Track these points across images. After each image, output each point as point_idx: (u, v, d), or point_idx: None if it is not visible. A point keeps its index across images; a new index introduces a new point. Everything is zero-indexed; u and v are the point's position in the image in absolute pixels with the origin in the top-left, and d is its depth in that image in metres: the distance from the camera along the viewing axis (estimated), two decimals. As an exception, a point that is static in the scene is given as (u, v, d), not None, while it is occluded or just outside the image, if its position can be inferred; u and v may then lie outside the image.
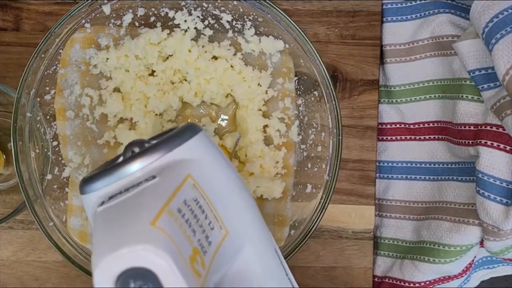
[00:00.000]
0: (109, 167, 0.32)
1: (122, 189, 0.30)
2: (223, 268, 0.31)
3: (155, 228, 0.26)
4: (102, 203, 0.30)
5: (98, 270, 0.25)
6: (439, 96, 0.52)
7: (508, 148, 0.45)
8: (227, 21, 0.49)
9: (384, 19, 0.53)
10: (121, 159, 0.32)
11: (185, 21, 0.49)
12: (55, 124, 0.48)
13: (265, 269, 0.34)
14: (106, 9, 0.47)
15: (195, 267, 0.27)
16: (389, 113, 0.54)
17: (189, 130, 0.33)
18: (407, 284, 0.51)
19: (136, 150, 0.32)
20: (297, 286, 0.37)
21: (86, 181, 0.32)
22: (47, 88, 0.47)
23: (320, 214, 0.46)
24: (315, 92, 0.48)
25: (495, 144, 0.45)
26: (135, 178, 0.31)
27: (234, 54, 0.50)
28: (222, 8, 0.48)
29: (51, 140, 0.48)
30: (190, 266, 0.27)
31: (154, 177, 0.30)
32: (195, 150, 0.32)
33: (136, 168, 0.31)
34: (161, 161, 0.31)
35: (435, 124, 0.52)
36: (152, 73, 0.51)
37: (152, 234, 0.26)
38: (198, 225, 0.29)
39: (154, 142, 0.32)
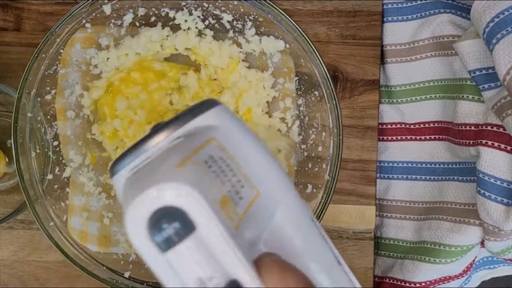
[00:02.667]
0: (135, 144, 0.31)
1: (151, 156, 0.30)
2: (254, 230, 0.31)
3: (181, 170, 0.26)
4: (132, 172, 0.30)
5: (129, 216, 0.25)
6: (439, 96, 0.52)
7: (509, 148, 0.45)
8: (228, 21, 0.49)
9: (385, 19, 0.53)
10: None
11: (186, 21, 0.49)
12: (55, 124, 0.48)
13: (300, 235, 0.34)
14: (107, 9, 0.47)
15: (226, 211, 0.27)
16: (390, 113, 0.54)
17: (208, 102, 0.33)
18: (407, 284, 0.51)
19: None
20: (348, 269, 0.37)
21: (115, 162, 0.32)
22: (48, 88, 0.48)
23: (320, 214, 0.46)
24: (316, 92, 0.48)
25: (496, 144, 0.45)
26: (159, 148, 0.31)
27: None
28: (223, 8, 0.48)
29: (52, 140, 0.48)
30: (220, 208, 0.26)
31: (179, 138, 0.30)
32: (216, 118, 0.32)
33: (158, 139, 0.30)
34: (184, 129, 0.31)
35: (436, 124, 0.52)
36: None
37: (179, 174, 0.26)
38: (227, 179, 0.29)
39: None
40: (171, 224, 0.25)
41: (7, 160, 0.53)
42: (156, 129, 0.31)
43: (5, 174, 0.53)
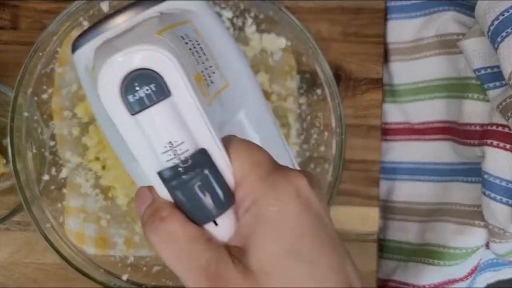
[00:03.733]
0: (98, 20, 0.31)
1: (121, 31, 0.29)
2: (220, 116, 0.31)
3: (160, 36, 0.26)
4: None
5: (102, 74, 0.24)
6: (444, 95, 0.52)
7: (514, 148, 0.44)
8: (228, 18, 0.49)
9: (388, 16, 0.53)
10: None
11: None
12: (52, 124, 0.48)
13: (260, 135, 0.34)
14: (104, 6, 0.47)
15: (200, 87, 0.27)
16: (393, 113, 0.54)
17: None
18: (411, 287, 0.51)
19: None
20: (295, 164, 0.37)
21: (77, 38, 0.31)
22: (45, 87, 0.47)
23: (322, 216, 0.46)
24: (318, 91, 0.48)
25: (501, 144, 0.45)
26: (131, 22, 0.30)
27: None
28: (223, 5, 0.48)
29: (48, 140, 0.48)
30: (195, 82, 0.26)
31: (156, 13, 0.29)
32: (197, 5, 0.32)
33: (130, 14, 0.29)
34: (158, 8, 0.30)
35: (440, 124, 0.52)
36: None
37: (158, 39, 0.25)
38: (201, 60, 0.29)
39: None
40: (147, 85, 0.24)
41: (5, 160, 0.52)
42: (122, 8, 0.30)
43: (2, 174, 0.53)
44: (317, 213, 0.27)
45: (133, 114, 0.25)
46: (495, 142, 0.45)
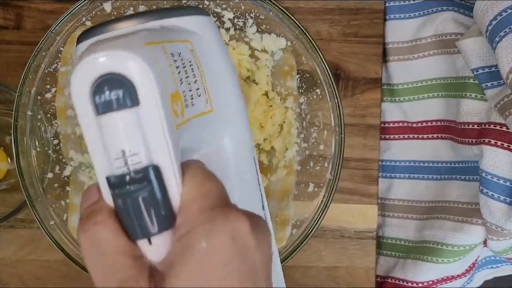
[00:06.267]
0: (104, 21, 0.30)
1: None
2: (194, 139, 0.30)
3: (144, 46, 0.25)
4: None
5: (77, 70, 0.24)
6: (442, 94, 0.52)
7: (511, 146, 0.44)
8: (229, 19, 0.49)
9: (387, 17, 0.53)
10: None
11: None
12: (56, 123, 0.48)
13: (238, 167, 0.33)
14: (107, 6, 0.47)
15: (173, 106, 0.26)
16: (392, 112, 0.54)
17: (197, 9, 0.32)
18: (409, 284, 0.51)
19: None
20: (265, 212, 0.36)
21: (83, 33, 0.31)
22: (48, 86, 0.48)
23: (322, 213, 0.46)
24: (317, 90, 0.48)
25: (499, 143, 0.45)
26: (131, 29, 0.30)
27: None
28: (224, 6, 0.48)
29: (52, 138, 0.48)
30: (170, 99, 0.26)
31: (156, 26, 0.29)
32: (201, 27, 0.31)
33: (133, 22, 0.29)
34: (162, 21, 0.30)
35: (438, 123, 0.52)
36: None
37: (140, 49, 0.25)
38: (187, 81, 0.29)
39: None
40: (116, 90, 0.24)
41: (9, 160, 0.53)
42: (131, 14, 0.30)
43: (7, 172, 0.53)
44: (250, 263, 0.25)
45: (97, 115, 0.24)
46: (493, 141, 0.45)
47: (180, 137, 0.27)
